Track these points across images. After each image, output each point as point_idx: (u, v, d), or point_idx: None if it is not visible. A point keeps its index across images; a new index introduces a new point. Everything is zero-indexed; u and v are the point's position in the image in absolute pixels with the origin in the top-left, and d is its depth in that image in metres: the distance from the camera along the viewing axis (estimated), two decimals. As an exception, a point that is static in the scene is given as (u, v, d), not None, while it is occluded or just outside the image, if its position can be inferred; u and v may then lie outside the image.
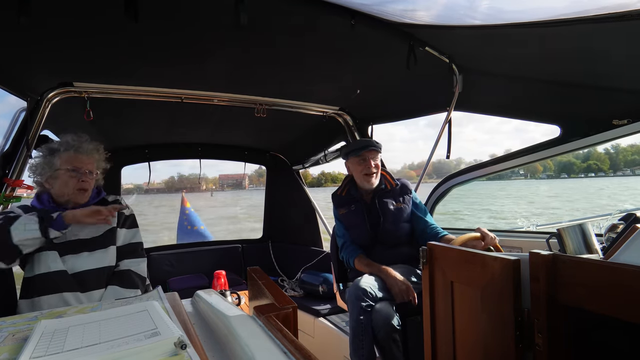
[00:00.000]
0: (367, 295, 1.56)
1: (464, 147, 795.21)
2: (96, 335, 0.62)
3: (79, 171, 1.31)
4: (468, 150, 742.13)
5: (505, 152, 2.07)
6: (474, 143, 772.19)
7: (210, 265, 3.00)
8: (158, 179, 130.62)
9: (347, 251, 1.88)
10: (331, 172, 55.49)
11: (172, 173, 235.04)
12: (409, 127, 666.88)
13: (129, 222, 1.43)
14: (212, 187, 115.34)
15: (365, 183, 1.88)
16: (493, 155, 2.23)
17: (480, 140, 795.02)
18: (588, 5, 1.01)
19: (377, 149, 1.89)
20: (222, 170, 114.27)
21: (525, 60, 1.45)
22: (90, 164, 1.35)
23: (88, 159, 1.35)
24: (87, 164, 1.34)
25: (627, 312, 0.72)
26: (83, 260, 1.26)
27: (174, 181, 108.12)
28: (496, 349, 0.98)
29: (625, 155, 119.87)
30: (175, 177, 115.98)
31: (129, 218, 1.44)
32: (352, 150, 1.90)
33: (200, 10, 1.21)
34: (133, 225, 1.44)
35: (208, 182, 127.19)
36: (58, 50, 1.42)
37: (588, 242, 1.14)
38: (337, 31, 1.36)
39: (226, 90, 2.04)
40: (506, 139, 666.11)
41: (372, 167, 1.85)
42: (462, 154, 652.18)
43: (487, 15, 1.17)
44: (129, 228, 1.42)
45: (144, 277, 1.38)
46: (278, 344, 0.63)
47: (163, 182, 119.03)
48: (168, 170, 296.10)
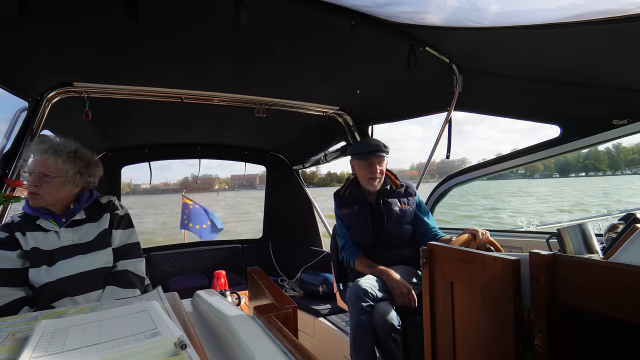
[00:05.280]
0: (367, 295, 1.56)
1: (478, 146, 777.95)
2: (96, 335, 0.62)
3: (31, 174, 1.24)
4: (481, 149, 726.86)
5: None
6: (488, 141, 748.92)
7: (210, 265, 3.00)
8: (174, 179, 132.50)
9: (348, 252, 1.88)
10: (337, 172, 55.75)
11: (186, 174, 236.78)
12: (423, 126, 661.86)
13: (123, 222, 1.39)
14: (225, 186, 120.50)
15: (368, 186, 1.87)
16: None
17: (494, 138, 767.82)
18: (586, 10, 1.01)
19: (384, 155, 1.87)
20: (235, 171, 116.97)
21: (525, 60, 1.45)
22: (42, 166, 1.23)
23: (41, 161, 1.24)
24: (39, 166, 1.24)
25: (627, 312, 0.72)
26: (76, 263, 1.24)
27: (188, 181, 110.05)
28: (496, 349, 0.98)
29: (626, 154, 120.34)
30: (189, 177, 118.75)
31: (124, 218, 1.40)
32: (359, 153, 1.88)
33: (200, 10, 1.21)
34: (128, 225, 1.41)
35: (221, 182, 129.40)
36: (58, 50, 1.42)
37: (588, 242, 1.14)
38: (337, 31, 1.36)
39: (226, 90, 2.04)
40: (520, 137, 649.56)
41: (377, 172, 1.84)
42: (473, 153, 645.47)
43: (487, 16, 1.17)
44: (124, 229, 1.38)
45: (143, 277, 1.36)
46: (278, 344, 0.63)
47: (178, 182, 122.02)
48: (183, 171, 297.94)
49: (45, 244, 1.25)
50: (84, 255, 1.26)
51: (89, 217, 1.34)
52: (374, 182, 1.85)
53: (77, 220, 1.31)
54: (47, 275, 1.21)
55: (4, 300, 1.15)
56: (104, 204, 1.40)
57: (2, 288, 1.16)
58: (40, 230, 1.26)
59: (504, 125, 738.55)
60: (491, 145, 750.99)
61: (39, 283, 1.20)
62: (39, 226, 1.26)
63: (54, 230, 1.27)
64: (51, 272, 1.21)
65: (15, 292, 1.18)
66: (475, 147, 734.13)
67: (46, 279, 1.20)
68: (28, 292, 1.22)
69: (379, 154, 1.85)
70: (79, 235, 1.29)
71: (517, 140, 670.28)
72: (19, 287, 1.20)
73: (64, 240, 1.27)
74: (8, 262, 1.20)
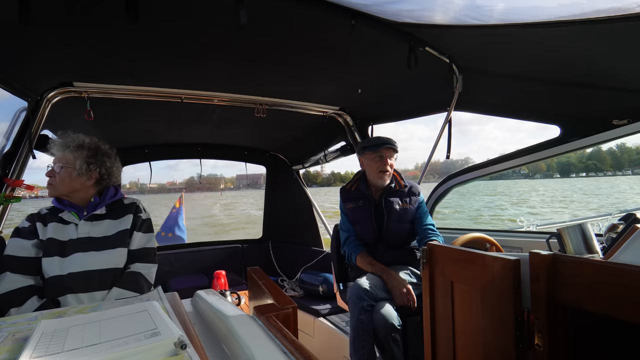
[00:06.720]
0: (368, 295, 1.57)
1: (484, 146, 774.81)
2: (96, 335, 0.63)
3: (49, 168, 1.37)
4: (487, 149, 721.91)
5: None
6: (494, 141, 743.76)
7: (210, 265, 3.00)
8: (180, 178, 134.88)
9: (351, 246, 1.88)
10: (341, 172, 56.01)
11: (192, 173, 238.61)
12: (429, 126, 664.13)
13: (145, 226, 1.42)
14: (230, 186, 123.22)
15: (378, 180, 1.87)
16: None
17: (500, 138, 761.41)
18: (587, 9, 1.01)
19: (395, 148, 1.89)
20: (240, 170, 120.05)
21: (525, 60, 1.45)
22: (56, 159, 1.36)
23: (56, 155, 1.37)
24: (54, 160, 1.37)
25: (627, 312, 0.72)
26: (88, 260, 1.25)
27: (193, 181, 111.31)
28: (496, 349, 0.98)
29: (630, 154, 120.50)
30: (195, 177, 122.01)
31: (145, 222, 1.43)
32: (370, 146, 1.89)
33: (200, 10, 1.21)
34: (149, 230, 1.43)
35: (226, 181, 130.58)
36: (58, 50, 1.42)
37: (588, 242, 1.14)
38: (337, 31, 1.36)
39: (226, 90, 2.04)
40: (527, 137, 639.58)
41: (388, 165, 1.85)
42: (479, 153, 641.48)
43: (488, 15, 1.17)
44: (145, 232, 1.41)
45: (151, 284, 1.37)
46: (278, 344, 0.63)
47: (184, 181, 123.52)
48: (190, 170, 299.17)
49: (62, 235, 1.29)
50: (96, 252, 1.28)
51: (109, 214, 1.38)
52: (384, 175, 1.85)
53: (97, 215, 1.35)
54: (58, 268, 1.23)
55: (13, 285, 1.19)
56: (127, 204, 1.43)
57: (14, 274, 1.21)
58: (61, 222, 1.32)
59: (510, 125, 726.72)
60: (497, 145, 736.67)
61: (49, 274, 1.23)
62: (61, 218, 1.32)
63: (74, 223, 1.32)
64: (62, 265, 1.24)
65: (24, 280, 1.21)
66: (481, 146, 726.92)
67: (56, 271, 1.23)
68: (39, 282, 1.25)
69: (389, 146, 1.86)
70: (96, 230, 1.32)
71: (524, 140, 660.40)
72: (30, 275, 1.23)
73: (81, 233, 1.30)
74: (23, 250, 1.25)
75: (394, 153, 1.89)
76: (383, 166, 1.85)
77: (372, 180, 1.90)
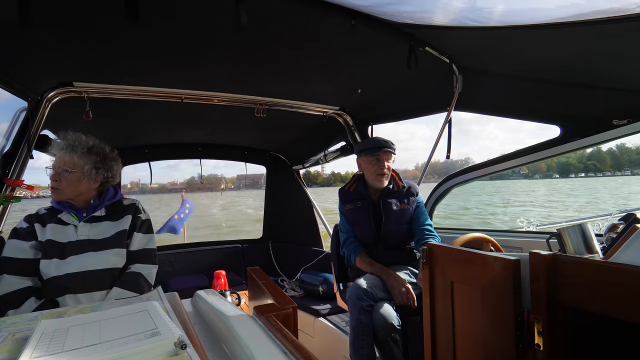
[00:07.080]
0: (367, 295, 1.57)
1: (485, 146, 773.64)
2: (96, 335, 0.62)
3: (53, 170, 1.33)
4: (488, 149, 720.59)
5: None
6: (495, 141, 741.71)
7: (210, 265, 3.00)
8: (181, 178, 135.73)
9: (350, 247, 1.88)
10: (341, 172, 56.20)
11: (193, 173, 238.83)
12: (430, 126, 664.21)
13: (145, 227, 1.42)
14: (231, 186, 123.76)
15: (376, 182, 1.87)
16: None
17: (501, 138, 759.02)
18: (585, 9, 1.01)
19: (392, 151, 1.88)
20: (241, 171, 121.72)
21: (525, 60, 1.45)
22: (61, 162, 1.32)
23: (59, 157, 1.34)
24: (58, 162, 1.33)
25: (627, 312, 0.72)
26: (86, 260, 1.25)
27: (194, 181, 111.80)
28: (496, 349, 0.98)
29: (630, 155, 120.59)
30: (196, 177, 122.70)
31: (145, 223, 1.43)
32: (368, 149, 1.89)
33: (200, 11, 1.21)
34: (149, 230, 1.43)
35: (227, 181, 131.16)
36: (58, 50, 1.42)
37: (588, 242, 1.14)
38: (337, 31, 1.36)
39: (226, 90, 2.04)
40: (528, 137, 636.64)
41: (385, 168, 1.85)
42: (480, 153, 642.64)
43: (488, 16, 1.17)
44: (145, 233, 1.41)
45: (151, 284, 1.37)
46: (278, 344, 0.63)
47: (185, 181, 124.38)
48: (190, 170, 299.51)
49: (61, 236, 1.28)
50: (95, 253, 1.27)
51: (109, 215, 1.37)
52: (381, 178, 1.85)
53: (96, 217, 1.35)
54: (56, 269, 1.23)
55: (11, 287, 1.18)
56: (126, 205, 1.43)
57: (11, 276, 1.20)
58: (61, 223, 1.31)
59: (511, 125, 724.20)
60: (498, 146, 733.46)
61: (47, 275, 1.23)
62: (60, 219, 1.31)
63: (73, 224, 1.31)
64: (60, 266, 1.23)
65: (22, 282, 1.21)
66: (482, 146, 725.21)
67: (54, 272, 1.22)
68: (37, 283, 1.24)
69: (387, 149, 1.86)
70: (95, 231, 1.32)
71: (525, 140, 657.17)
72: (28, 277, 1.23)
73: (80, 235, 1.29)
74: (21, 251, 1.24)
75: (391, 155, 1.89)
76: (380, 169, 1.85)
77: (370, 182, 1.90)
